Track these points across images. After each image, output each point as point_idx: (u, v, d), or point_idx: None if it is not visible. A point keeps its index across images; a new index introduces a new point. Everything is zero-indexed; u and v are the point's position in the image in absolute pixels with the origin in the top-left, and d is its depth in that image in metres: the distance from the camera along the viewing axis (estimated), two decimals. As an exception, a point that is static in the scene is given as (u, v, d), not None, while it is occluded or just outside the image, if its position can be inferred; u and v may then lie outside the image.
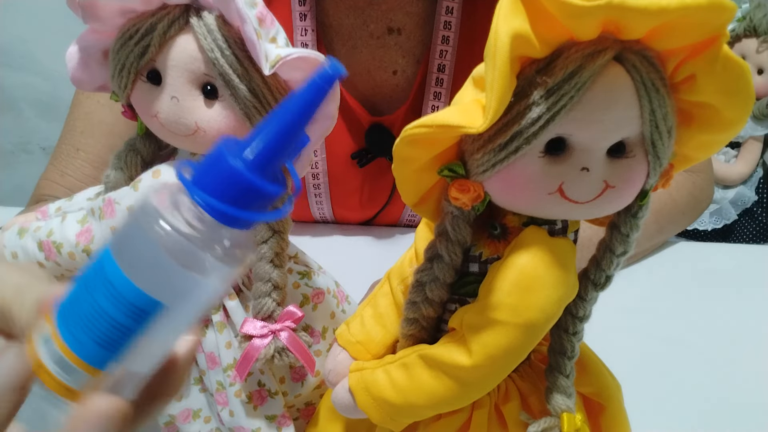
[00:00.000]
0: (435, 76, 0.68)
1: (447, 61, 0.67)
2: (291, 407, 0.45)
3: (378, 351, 0.35)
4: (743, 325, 0.64)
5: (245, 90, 0.32)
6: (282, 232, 0.37)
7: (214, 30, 0.32)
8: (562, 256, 0.29)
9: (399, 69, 0.70)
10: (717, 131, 0.27)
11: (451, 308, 0.32)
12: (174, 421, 0.43)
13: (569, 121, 0.25)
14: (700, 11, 0.22)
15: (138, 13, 0.33)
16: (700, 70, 0.25)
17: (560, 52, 0.24)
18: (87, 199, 0.42)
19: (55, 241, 0.37)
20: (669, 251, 0.79)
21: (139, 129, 0.37)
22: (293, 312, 0.37)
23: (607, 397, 0.36)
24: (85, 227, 0.37)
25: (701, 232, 1.26)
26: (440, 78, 0.68)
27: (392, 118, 0.69)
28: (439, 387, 0.31)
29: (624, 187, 0.27)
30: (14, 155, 1.72)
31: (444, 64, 0.67)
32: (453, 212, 0.29)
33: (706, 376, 0.57)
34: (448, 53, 0.67)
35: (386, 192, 0.74)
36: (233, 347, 0.40)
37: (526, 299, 0.28)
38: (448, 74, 0.67)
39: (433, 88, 0.68)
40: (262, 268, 0.37)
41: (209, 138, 0.33)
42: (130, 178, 0.37)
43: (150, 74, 0.33)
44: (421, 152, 0.28)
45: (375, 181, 0.73)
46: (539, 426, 0.32)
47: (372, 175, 0.72)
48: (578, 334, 0.33)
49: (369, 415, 0.33)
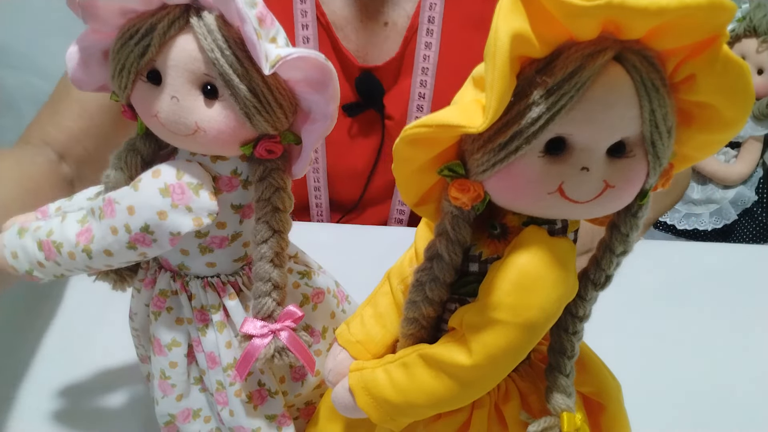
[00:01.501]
0: (425, 27, 0.75)
1: (435, 14, 0.74)
2: (291, 407, 0.45)
3: (378, 351, 0.36)
4: (743, 325, 0.64)
5: (245, 90, 0.32)
6: (282, 232, 0.37)
7: (214, 30, 0.32)
8: (562, 256, 0.29)
9: (390, 21, 0.76)
10: (717, 131, 0.27)
11: (451, 308, 0.32)
12: (174, 421, 0.43)
13: (569, 120, 0.25)
14: (699, 11, 0.22)
15: (138, 13, 0.33)
16: (700, 70, 0.25)
17: (560, 52, 0.24)
18: (87, 199, 0.42)
19: (54, 241, 0.37)
20: (669, 251, 0.79)
21: (139, 129, 0.37)
22: (293, 312, 0.37)
23: (607, 397, 0.36)
24: (85, 227, 0.37)
25: (701, 232, 1.26)
26: (430, 29, 0.75)
27: (382, 68, 0.76)
28: (439, 386, 0.31)
29: (624, 186, 0.27)
30: (14, 155, 1.71)
31: (433, 16, 0.74)
32: (453, 212, 0.29)
33: (706, 376, 0.57)
34: (437, 6, 0.74)
35: (375, 147, 0.80)
36: (233, 347, 0.40)
37: (525, 299, 0.28)
38: (437, 25, 0.74)
39: (424, 38, 0.75)
40: (262, 268, 0.37)
41: (209, 138, 0.34)
42: (130, 177, 0.37)
43: (150, 74, 0.33)
44: (421, 152, 0.28)
45: (365, 135, 0.80)
46: (539, 425, 0.32)
47: (362, 128, 0.79)
48: (578, 333, 0.33)
49: (369, 414, 0.33)
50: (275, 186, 0.36)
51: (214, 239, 0.38)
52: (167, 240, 0.35)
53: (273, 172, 0.36)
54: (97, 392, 0.54)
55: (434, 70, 0.76)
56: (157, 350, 0.41)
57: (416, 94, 0.78)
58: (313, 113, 0.35)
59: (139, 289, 0.42)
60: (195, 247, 0.38)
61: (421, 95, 0.78)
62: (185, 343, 0.41)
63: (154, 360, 0.42)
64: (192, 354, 0.42)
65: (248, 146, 0.35)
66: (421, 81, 0.77)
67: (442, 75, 0.77)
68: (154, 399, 0.43)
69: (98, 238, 0.36)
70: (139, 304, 0.42)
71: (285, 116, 0.34)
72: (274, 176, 0.36)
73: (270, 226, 0.36)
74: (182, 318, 0.41)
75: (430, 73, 0.76)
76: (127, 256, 0.36)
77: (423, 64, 0.76)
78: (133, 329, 0.44)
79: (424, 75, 0.77)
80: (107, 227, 0.36)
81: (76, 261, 0.37)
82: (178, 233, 0.35)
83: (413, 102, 0.78)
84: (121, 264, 0.38)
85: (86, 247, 0.36)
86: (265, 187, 0.36)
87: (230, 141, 0.34)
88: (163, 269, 0.41)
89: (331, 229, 0.78)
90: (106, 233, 0.36)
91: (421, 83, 0.77)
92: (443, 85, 0.77)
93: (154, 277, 0.41)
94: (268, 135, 0.35)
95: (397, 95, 0.78)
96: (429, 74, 0.77)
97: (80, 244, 0.36)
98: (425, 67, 0.76)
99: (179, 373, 0.42)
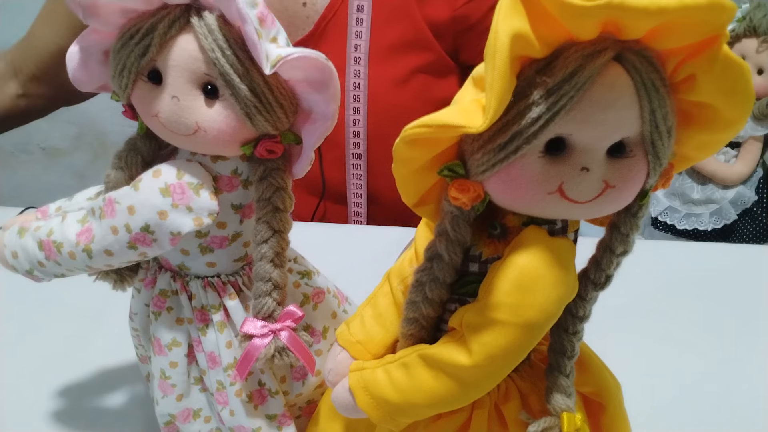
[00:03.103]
0: (355, 16, 0.77)
1: (365, 1, 0.76)
2: (293, 406, 0.45)
3: (378, 351, 0.36)
4: (743, 325, 0.64)
5: (246, 90, 0.32)
6: (282, 232, 0.37)
7: (215, 30, 0.32)
8: (562, 256, 0.29)
9: (308, 1, 0.78)
10: (717, 131, 0.27)
11: (451, 308, 0.32)
12: (174, 421, 0.43)
13: (569, 121, 0.25)
14: (699, 11, 0.22)
15: (139, 12, 0.33)
16: (700, 70, 0.25)
17: (560, 52, 0.24)
18: (87, 199, 0.42)
19: (55, 241, 0.37)
20: (669, 251, 0.79)
21: (139, 128, 0.37)
22: (293, 312, 0.37)
23: (607, 397, 0.36)
24: (86, 227, 0.37)
25: (701, 232, 1.26)
26: (359, 18, 0.77)
27: (299, 43, 0.77)
28: (439, 386, 0.31)
29: (624, 186, 0.27)
30: (14, 155, 1.72)
31: (362, 5, 0.76)
32: (453, 212, 0.29)
33: (706, 376, 0.57)
34: None
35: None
36: (234, 347, 0.40)
37: (526, 299, 0.28)
38: (366, 13, 0.77)
39: (356, 15, 0.77)
40: (262, 268, 0.37)
41: (210, 138, 0.34)
42: (130, 177, 0.37)
43: (151, 74, 0.34)
44: (421, 152, 0.28)
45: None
46: (539, 426, 0.32)
47: None
48: (578, 333, 0.33)
49: (369, 414, 0.33)
50: (276, 186, 0.36)
51: (215, 239, 0.38)
52: (168, 240, 0.35)
53: (273, 171, 0.36)
54: (97, 392, 0.54)
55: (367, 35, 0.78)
56: (157, 350, 0.41)
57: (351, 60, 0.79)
58: (313, 113, 0.35)
59: (139, 289, 0.42)
60: (195, 247, 0.38)
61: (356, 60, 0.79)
62: (185, 343, 0.41)
63: (154, 360, 0.42)
64: (192, 354, 0.42)
65: (249, 146, 0.35)
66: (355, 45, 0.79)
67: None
68: (154, 399, 0.43)
69: (98, 237, 0.36)
70: (139, 304, 0.42)
71: (285, 116, 0.34)
72: (274, 176, 0.36)
73: (270, 226, 0.36)
74: (182, 318, 0.41)
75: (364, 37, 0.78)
76: (127, 255, 0.36)
77: (356, 27, 0.78)
78: (133, 329, 0.44)
79: (358, 39, 0.79)
80: (108, 227, 0.36)
81: (76, 261, 0.37)
82: (178, 233, 0.35)
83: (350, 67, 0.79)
84: (122, 264, 0.38)
85: (87, 247, 0.36)
86: (266, 186, 0.36)
87: (231, 141, 0.34)
88: (164, 269, 0.41)
89: (332, 229, 0.78)
90: (107, 233, 0.36)
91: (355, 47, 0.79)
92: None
93: (155, 277, 0.41)
94: (269, 135, 0.35)
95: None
96: (363, 38, 0.79)
97: (80, 243, 0.36)
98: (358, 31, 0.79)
99: (179, 373, 0.42)
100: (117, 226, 0.35)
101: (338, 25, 0.79)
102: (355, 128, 0.80)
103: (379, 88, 0.80)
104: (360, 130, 0.81)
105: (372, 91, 0.80)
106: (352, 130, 0.81)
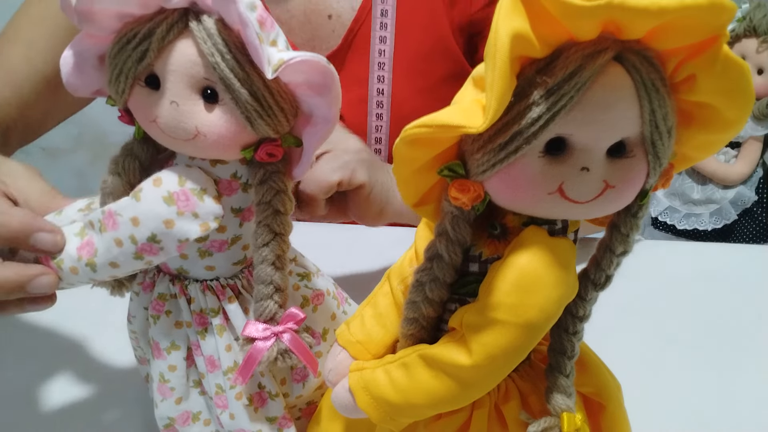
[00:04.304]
0: (379, 21, 0.76)
1: (389, 6, 0.75)
2: (293, 407, 0.45)
3: (378, 351, 0.35)
4: (743, 325, 0.64)
5: (246, 94, 0.32)
6: (283, 235, 0.37)
7: (214, 34, 0.31)
8: (562, 256, 0.29)
9: (334, 13, 0.77)
10: (717, 131, 0.27)
11: (451, 308, 0.32)
12: (173, 424, 0.43)
13: (569, 121, 0.25)
14: (700, 11, 0.22)
15: (135, 17, 0.32)
16: (700, 70, 0.25)
17: (560, 52, 0.25)
18: (78, 210, 0.41)
19: (54, 257, 0.36)
20: (669, 251, 0.79)
21: (136, 133, 0.37)
22: (295, 314, 0.37)
23: (607, 397, 0.36)
24: (85, 240, 0.36)
25: (701, 232, 1.26)
26: (384, 23, 0.76)
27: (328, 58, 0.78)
28: (439, 387, 0.31)
29: (624, 187, 0.27)
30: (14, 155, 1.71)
31: (386, 9, 0.75)
32: (453, 212, 0.29)
33: (706, 376, 0.57)
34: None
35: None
36: (233, 350, 0.40)
37: (526, 299, 0.28)
38: (390, 18, 0.75)
39: (380, 19, 0.76)
40: (263, 271, 0.36)
41: (209, 142, 0.33)
42: (128, 182, 0.37)
43: (148, 79, 0.33)
44: (421, 152, 0.28)
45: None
46: (539, 426, 0.32)
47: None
48: (578, 333, 0.33)
49: (369, 414, 0.33)
50: (276, 189, 0.36)
51: (214, 243, 0.38)
52: (175, 247, 0.35)
53: (273, 175, 0.36)
54: (97, 394, 0.54)
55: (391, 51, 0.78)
56: (156, 353, 0.41)
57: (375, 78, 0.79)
58: (314, 116, 0.35)
59: (138, 292, 0.42)
60: (194, 251, 0.38)
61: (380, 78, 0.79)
62: (184, 346, 0.41)
63: (153, 363, 0.42)
64: (191, 357, 0.42)
65: (249, 150, 0.34)
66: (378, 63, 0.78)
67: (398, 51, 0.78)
68: (154, 402, 0.43)
69: (102, 251, 0.36)
70: (138, 307, 0.42)
71: (286, 120, 0.34)
72: (274, 179, 0.36)
73: (271, 229, 0.36)
74: (181, 321, 0.41)
75: (387, 55, 0.78)
76: (133, 266, 0.36)
77: (379, 46, 0.78)
78: (131, 332, 0.44)
79: (381, 57, 0.78)
80: (111, 240, 0.35)
81: (79, 275, 0.36)
82: (186, 240, 0.35)
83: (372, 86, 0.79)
84: (127, 274, 0.38)
85: (90, 261, 0.36)
86: (266, 190, 0.36)
87: (231, 145, 0.34)
88: (162, 273, 0.41)
89: (332, 229, 0.78)
90: (111, 246, 0.35)
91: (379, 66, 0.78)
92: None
93: (153, 281, 0.41)
94: (269, 138, 0.34)
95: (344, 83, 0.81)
96: (386, 56, 0.78)
97: (83, 258, 0.36)
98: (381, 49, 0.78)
99: (178, 377, 0.42)
100: (121, 238, 0.35)
101: (364, 36, 0.78)
102: (377, 134, 0.80)
103: (403, 95, 0.80)
104: (382, 136, 0.81)
105: (396, 99, 0.79)
106: (374, 136, 0.81)
